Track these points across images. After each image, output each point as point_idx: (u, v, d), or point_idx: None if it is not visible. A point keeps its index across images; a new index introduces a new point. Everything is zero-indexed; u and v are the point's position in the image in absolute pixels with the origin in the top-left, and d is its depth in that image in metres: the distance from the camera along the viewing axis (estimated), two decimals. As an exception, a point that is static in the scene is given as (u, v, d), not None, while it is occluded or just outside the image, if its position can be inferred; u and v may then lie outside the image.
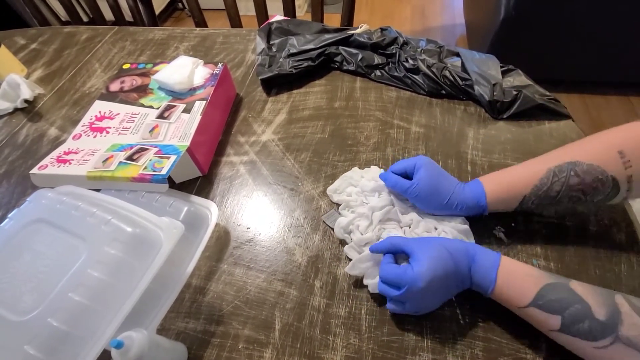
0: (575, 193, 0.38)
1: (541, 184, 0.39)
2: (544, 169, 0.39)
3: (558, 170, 0.38)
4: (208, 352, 0.39)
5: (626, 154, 0.36)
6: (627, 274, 0.41)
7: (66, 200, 0.38)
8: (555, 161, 0.39)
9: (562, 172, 0.38)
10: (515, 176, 0.41)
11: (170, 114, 0.55)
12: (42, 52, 0.83)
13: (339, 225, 0.45)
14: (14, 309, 0.31)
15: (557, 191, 0.38)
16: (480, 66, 0.60)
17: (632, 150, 0.36)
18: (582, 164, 0.37)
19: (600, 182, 0.37)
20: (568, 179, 0.38)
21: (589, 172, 0.37)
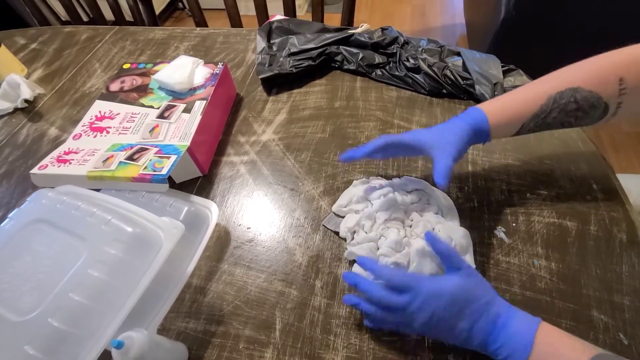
0: (569, 118, 0.38)
1: (541, 111, 0.38)
2: (545, 96, 0.38)
3: (559, 96, 0.37)
4: (208, 352, 0.39)
5: (625, 81, 0.36)
6: (628, 274, 0.41)
7: (66, 200, 0.38)
8: (557, 86, 0.38)
9: (562, 99, 0.37)
10: (517, 104, 0.39)
11: (171, 113, 0.55)
12: (42, 52, 0.83)
13: (345, 224, 0.45)
14: (14, 309, 0.31)
15: (554, 117, 0.38)
16: (481, 66, 0.60)
17: (632, 77, 0.35)
18: (582, 90, 0.37)
19: (593, 108, 0.37)
20: (567, 105, 0.37)
21: (586, 99, 0.37)
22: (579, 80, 0.37)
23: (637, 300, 0.39)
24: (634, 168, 1.30)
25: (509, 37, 1.30)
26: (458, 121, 0.40)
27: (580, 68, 0.39)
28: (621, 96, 0.36)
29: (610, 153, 1.34)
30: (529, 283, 0.41)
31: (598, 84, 0.36)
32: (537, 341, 0.29)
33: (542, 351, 0.29)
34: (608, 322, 0.38)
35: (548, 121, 0.39)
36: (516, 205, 0.47)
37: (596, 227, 0.45)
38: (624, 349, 0.36)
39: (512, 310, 0.32)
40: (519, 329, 0.31)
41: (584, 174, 0.50)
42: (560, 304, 0.39)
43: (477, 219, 0.46)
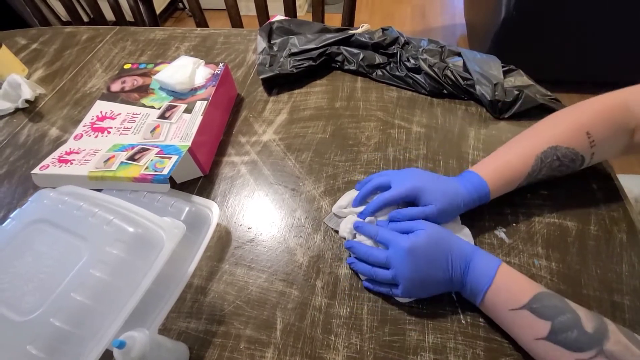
0: (554, 173, 0.44)
1: (532, 172, 0.43)
2: (533, 157, 0.42)
3: (544, 156, 0.42)
4: (210, 352, 0.39)
5: (592, 134, 0.41)
6: (628, 274, 0.41)
7: (68, 201, 0.38)
8: (539, 147, 0.42)
9: (547, 158, 0.42)
10: (511, 167, 0.43)
11: (172, 114, 0.55)
12: (43, 52, 0.83)
13: (346, 224, 0.45)
14: (16, 309, 0.31)
15: (543, 174, 0.43)
16: (481, 66, 0.60)
17: (595, 131, 0.41)
18: (561, 148, 0.42)
19: (573, 162, 0.43)
20: (552, 163, 0.42)
21: (566, 155, 0.42)
22: (557, 138, 0.42)
23: (637, 300, 0.39)
24: (634, 168, 1.30)
25: (510, 37, 1.30)
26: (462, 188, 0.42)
27: (555, 126, 0.44)
28: (592, 147, 0.42)
29: (610, 153, 1.34)
30: (530, 283, 0.41)
31: (572, 140, 0.42)
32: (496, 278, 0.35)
33: (498, 286, 0.35)
34: (608, 322, 0.38)
35: (539, 177, 0.44)
36: (516, 205, 0.47)
37: (596, 227, 0.45)
38: (624, 349, 0.36)
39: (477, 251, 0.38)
40: (483, 267, 0.36)
41: (584, 174, 0.50)
42: (561, 304, 0.39)
43: (477, 218, 0.46)
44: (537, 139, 0.44)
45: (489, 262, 0.37)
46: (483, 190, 0.42)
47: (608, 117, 0.42)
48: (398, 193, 0.42)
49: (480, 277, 0.36)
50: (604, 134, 0.41)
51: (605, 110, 0.42)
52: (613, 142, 0.43)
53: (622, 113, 0.42)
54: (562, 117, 0.44)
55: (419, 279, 0.37)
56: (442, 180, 0.44)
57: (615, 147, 0.44)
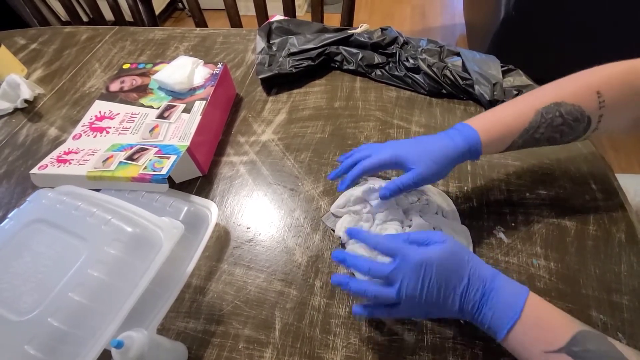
0: (555, 134, 0.40)
1: (530, 127, 0.39)
2: (533, 111, 0.39)
3: (545, 111, 0.39)
4: (208, 351, 0.39)
5: (602, 94, 0.37)
6: (627, 274, 0.41)
7: (66, 200, 0.38)
8: (542, 102, 0.39)
9: (548, 113, 0.38)
10: (506, 120, 0.40)
11: (170, 114, 0.55)
12: (42, 52, 0.83)
13: (342, 223, 0.45)
14: (14, 308, 0.31)
15: (541, 133, 0.39)
16: (480, 66, 0.60)
17: (607, 91, 0.37)
18: (566, 104, 0.38)
19: (577, 121, 0.39)
20: (553, 120, 0.39)
21: (571, 113, 0.38)
22: (562, 95, 0.39)
23: (635, 299, 0.39)
24: (633, 168, 1.30)
25: (509, 37, 1.30)
26: (449, 140, 0.39)
27: (560, 84, 0.40)
28: (601, 109, 0.38)
29: (609, 153, 1.34)
30: (528, 283, 0.41)
31: (579, 97, 0.38)
32: (525, 311, 0.30)
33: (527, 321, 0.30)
34: (607, 321, 0.38)
35: (536, 136, 0.40)
36: (515, 205, 0.47)
37: (595, 227, 0.45)
38: (622, 349, 0.36)
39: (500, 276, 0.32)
40: (508, 297, 0.31)
41: (583, 174, 0.50)
42: (560, 304, 0.39)
43: (476, 218, 0.46)
44: (540, 94, 0.40)
45: (515, 291, 0.31)
46: (474, 141, 0.38)
47: (623, 79, 0.38)
48: (378, 160, 0.40)
49: (504, 308, 0.30)
50: (616, 95, 0.37)
51: (620, 72, 0.38)
52: (625, 106, 0.38)
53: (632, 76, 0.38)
54: (572, 76, 0.40)
55: (425, 300, 0.32)
56: (424, 140, 0.41)
57: (627, 114, 0.39)
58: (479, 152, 0.39)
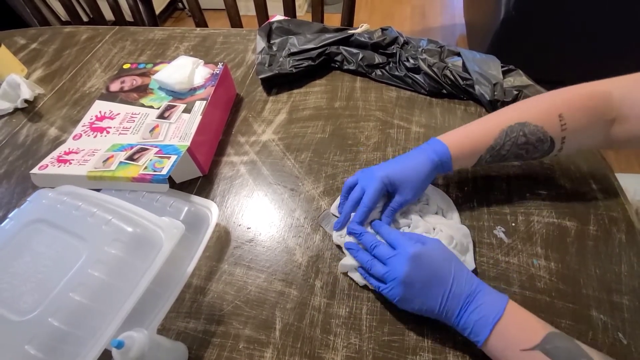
0: (520, 151, 0.42)
1: (495, 144, 0.42)
2: (498, 130, 0.42)
3: (509, 130, 0.41)
4: (209, 352, 0.39)
5: (564, 118, 0.40)
6: (627, 274, 0.41)
7: (66, 200, 0.38)
8: (507, 121, 0.42)
9: (512, 132, 0.41)
10: (474, 137, 0.43)
11: (171, 114, 0.55)
12: (42, 52, 0.83)
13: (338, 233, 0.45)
14: (14, 308, 0.31)
15: (507, 150, 0.42)
16: (481, 66, 0.60)
17: (569, 115, 0.40)
18: (529, 125, 0.41)
19: (541, 142, 0.41)
20: (517, 139, 0.41)
21: (533, 133, 0.41)
22: (526, 115, 0.41)
23: (636, 300, 0.39)
24: (633, 168, 1.30)
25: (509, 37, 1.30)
26: (423, 157, 0.43)
27: (526, 104, 0.43)
28: (563, 131, 0.40)
29: (609, 153, 1.34)
30: (529, 283, 0.41)
31: (542, 119, 0.41)
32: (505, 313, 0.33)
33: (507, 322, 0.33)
34: (607, 321, 0.38)
35: (502, 153, 0.42)
36: (516, 205, 0.47)
37: (595, 227, 0.45)
38: (623, 349, 0.36)
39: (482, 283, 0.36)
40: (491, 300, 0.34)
41: (584, 174, 0.50)
42: (560, 304, 0.39)
43: (476, 218, 0.46)
44: (506, 114, 0.43)
45: (497, 296, 0.35)
46: (445, 157, 0.42)
47: (585, 103, 0.40)
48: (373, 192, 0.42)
49: (488, 309, 0.33)
50: (577, 119, 0.40)
51: (582, 96, 0.41)
52: (587, 129, 0.41)
53: (601, 102, 0.40)
54: (537, 98, 0.44)
55: (410, 288, 0.36)
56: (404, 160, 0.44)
57: (591, 136, 0.42)
58: (449, 166, 0.43)
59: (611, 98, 0.40)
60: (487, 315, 0.33)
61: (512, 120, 0.41)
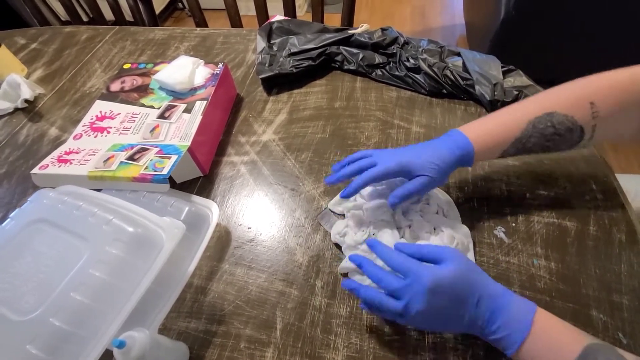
0: (547, 143, 0.39)
1: (522, 136, 0.39)
2: (525, 121, 0.39)
3: (537, 121, 0.38)
4: (210, 351, 0.39)
5: (596, 104, 0.37)
6: (627, 274, 0.41)
7: (67, 200, 0.38)
8: (534, 112, 0.39)
9: (540, 124, 0.38)
10: (499, 131, 0.40)
11: (171, 114, 0.55)
12: (43, 52, 0.83)
13: (335, 230, 0.46)
14: (15, 308, 0.31)
15: (533, 142, 0.39)
16: (481, 66, 0.60)
17: (603, 102, 0.37)
18: (558, 114, 0.38)
19: (570, 132, 0.38)
20: (545, 130, 0.38)
21: (562, 123, 0.38)
22: (554, 105, 0.39)
23: (635, 299, 0.39)
24: (633, 169, 1.30)
25: (509, 37, 1.30)
26: (445, 149, 0.40)
27: (554, 93, 0.40)
28: (594, 119, 0.38)
29: (609, 154, 1.34)
30: (529, 283, 0.41)
31: (572, 107, 0.38)
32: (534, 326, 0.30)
33: (538, 336, 0.30)
34: (607, 321, 0.38)
35: (528, 146, 0.40)
36: (516, 206, 0.47)
37: (595, 227, 0.45)
38: (622, 349, 0.36)
39: (509, 293, 0.32)
40: (518, 313, 0.31)
41: (584, 175, 0.50)
42: (560, 304, 0.40)
43: (476, 218, 0.46)
44: (533, 104, 0.40)
45: (524, 307, 0.32)
46: (467, 150, 0.39)
47: (619, 88, 0.37)
48: (385, 169, 0.39)
49: (515, 324, 0.30)
50: (610, 106, 0.37)
51: (616, 81, 0.38)
52: (621, 117, 0.38)
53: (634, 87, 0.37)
54: (566, 86, 0.40)
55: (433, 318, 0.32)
56: (425, 146, 0.41)
57: (624, 123, 0.39)
58: (471, 161, 0.40)
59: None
60: (513, 333, 0.30)
61: (540, 110, 0.39)
